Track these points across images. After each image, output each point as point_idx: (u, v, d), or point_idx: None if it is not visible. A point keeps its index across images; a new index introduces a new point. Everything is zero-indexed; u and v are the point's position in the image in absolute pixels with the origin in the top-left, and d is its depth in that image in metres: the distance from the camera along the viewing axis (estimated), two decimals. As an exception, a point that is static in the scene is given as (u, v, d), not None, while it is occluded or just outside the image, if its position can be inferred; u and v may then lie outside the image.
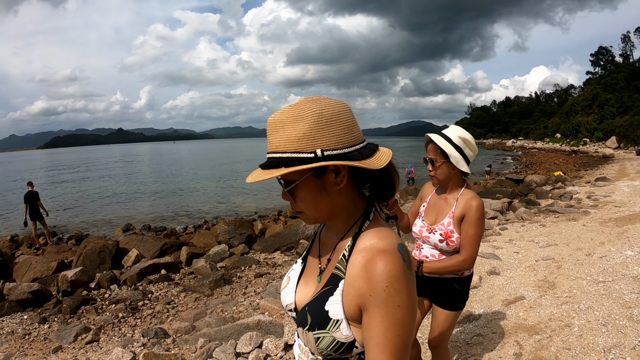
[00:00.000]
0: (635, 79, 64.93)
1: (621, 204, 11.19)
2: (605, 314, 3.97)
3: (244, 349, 3.72)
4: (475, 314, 4.25)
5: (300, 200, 1.02)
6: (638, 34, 73.69)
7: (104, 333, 5.40)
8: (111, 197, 23.41)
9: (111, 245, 8.79)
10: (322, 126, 0.95)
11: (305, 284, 1.14)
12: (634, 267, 5.36)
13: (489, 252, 6.59)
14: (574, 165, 34.56)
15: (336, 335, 0.95)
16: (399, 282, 0.89)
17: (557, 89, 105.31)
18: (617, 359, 3.10)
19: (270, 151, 0.99)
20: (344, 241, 1.06)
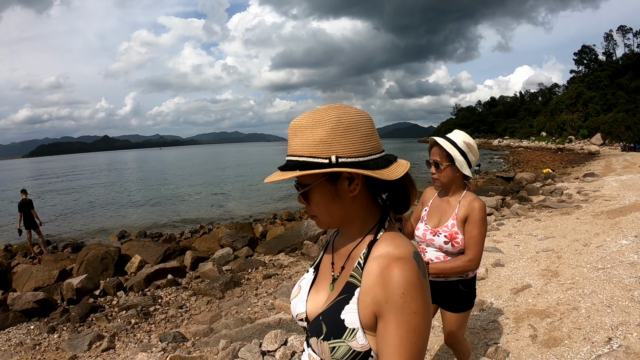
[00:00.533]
0: (618, 76, 66.24)
1: (611, 197, 11.58)
2: (608, 296, 4.26)
3: (270, 347, 3.84)
4: (487, 302, 4.51)
5: (314, 204, 1.04)
6: (620, 32, 75.22)
7: (118, 340, 5.35)
8: (102, 205, 23.23)
9: (113, 252, 8.78)
10: (339, 133, 0.97)
11: (317, 292, 1.14)
12: (630, 254, 5.69)
13: (491, 246, 6.87)
14: (560, 162, 35.19)
15: (352, 345, 0.96)
16: (415, 289, 0.90)
17: (542, 88, 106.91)
18: (625, 335, 3.38)
19: (289, 154, 1.03)
20: (358, 249, 1.07)
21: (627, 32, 74.73)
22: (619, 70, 68.07)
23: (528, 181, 18.91)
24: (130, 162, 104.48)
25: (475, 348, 3.51)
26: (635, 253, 5.74)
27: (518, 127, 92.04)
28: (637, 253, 5.72)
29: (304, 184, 1.03)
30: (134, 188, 32.45)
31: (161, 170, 58.71)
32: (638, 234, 6.83)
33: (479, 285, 5.09)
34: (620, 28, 75.19)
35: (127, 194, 28.19)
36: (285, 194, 23.73)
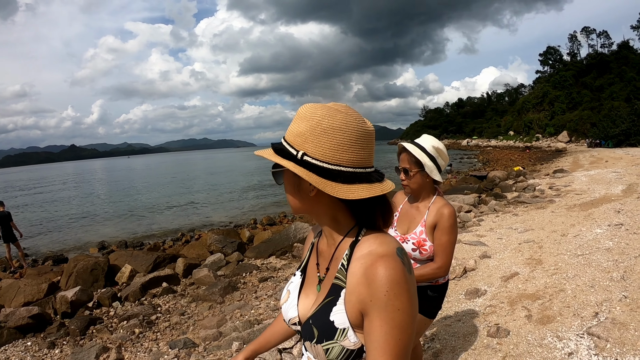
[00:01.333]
0: (582, 75, 68.93)
1: (582, 191, 12.26)
2: (590, 278, 4.70)
3: (286, 344, 4.02)
4: (481, 289, 4.87)
5: (285, 189, 1.10)
6: (584, 33, 78.08)
7: (125, 350, 5.22)
8: (75, 217, 22.82)
9: (103, 262, 8.69)
10: (316, 133, 0.98)
11: (306, 296, 1.16)
12: (605, 241, 6.20)
13: (475, 240, 7.29)
14: (529, 160, 36.40)
15: (345, 344, 0.98)
16: (400, 286, 0.91)
17: (508, 88, 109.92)
18: (609, 309, 3.80)
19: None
20: (340, 249, 1.08)
21: (591, 33, 77.83)
22: (583, 69, 70.87)
23: (501, 179, 19.63)
24: (99, 171, 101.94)
25: (478, 330, 3.86)
26: (610, 240, 6.25)
27: (486, 127, 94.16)
28: (612, 240, 6.24)
29: (277, 166, 1.06)
30: (106, 199, 31.96)
31: (132, 179, 57.74)
32: (611, 223, 7.39)
33: (472, 275, 5.48)
34: (584, 29, 78.26)
35: (100, 205, 27.74)
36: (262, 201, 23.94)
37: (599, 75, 64.73)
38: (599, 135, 43.12)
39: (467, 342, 3.63)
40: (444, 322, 4.08)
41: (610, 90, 56.85)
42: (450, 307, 4.49)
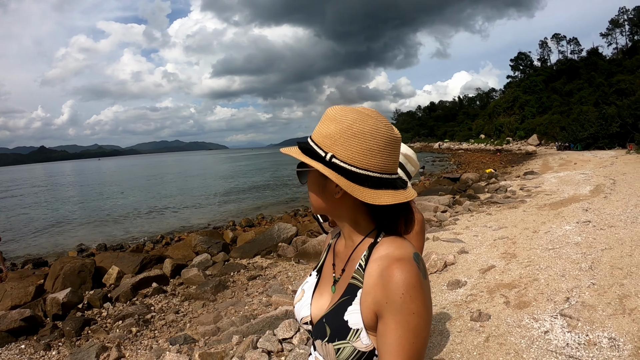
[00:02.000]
0: (552, 80, 70.95)
1: (551, 192, 12.90)
2: (561, 269, 5.13)
3: (286, 334, 4.27)
4: (462, 281, 5.25)
5: (308, 188, 1.11)
6: (555, 40, 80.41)
7: (125, 349, 5.23)
8: (50, 220, 22.42)
9: (90, 264, 8.70)
10: (346, 136, 1.00)
11: (321, 295, 1.17)
12: (574, 237, 6.69)
13: (452, 238, 7.70)
14: (500, 162, 37.26)
15: (357, 345, 0.99)
16: (415, 290, 0.92)
17: (479, 93, 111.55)
18: (579, 294, 4.22)
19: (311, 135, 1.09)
20: (359, 251, 1.09)
21: (561, 40, 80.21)
22: (553, 75, 72.94)
23: (473, 181, 20.27)
24: (70, 174, 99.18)
25: (462, 315, 4.21)
26: (579, 235, 6.75)
27: (457, 130, 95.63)
28: (580, 235, 6.74)
29: (303, 165, 1.08)
30: (81, 203, 31.23)
31: (105, 183, 56.33)
32: (579, 220, 7.92)
33: (452, 268, 5.86)
34: (555, 36, 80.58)
35: (75, 209, 27.09)
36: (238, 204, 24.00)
37: (569, 80, 66.59)
38: (568, 139, 44.37)
39: (453, 326, 3.98)
40: (434, 307, 4.40)
41: (579, 95, 58.41)
42: (434, 297, 4.82)
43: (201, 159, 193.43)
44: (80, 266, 8.51)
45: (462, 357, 3.36)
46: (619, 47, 71.40)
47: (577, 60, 73.10)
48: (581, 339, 3.38)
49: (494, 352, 3.38)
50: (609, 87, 51.93)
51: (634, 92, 42.53)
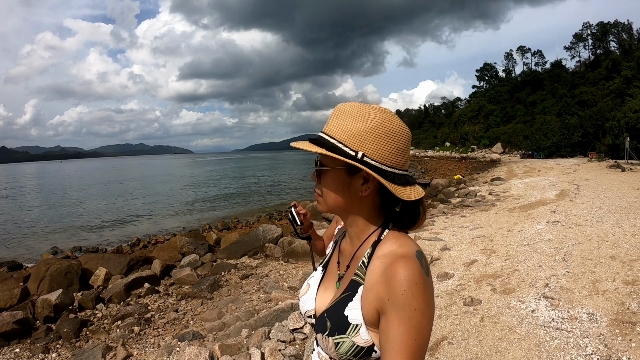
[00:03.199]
0: (517, 91, 73.33)
1: (519, 196, 13.72)
2: (537, 261, 5.74)
3: (297, 325, 4.56)
4: (449, 273, 5.75)
5: (324, 186, 1.10)
6: (520, 52, 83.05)
7: (131, 348, 5.21)
8: (16, 224, 21.92)
9: (76, 266, 8.72)
10: (376, 135, 1.02)
11: (325, 290, 1.20)
12: (545, 234, 7.37)
13: (433, 237, 8.23)
14: (466, 169, 38.29)
15: (356, 340, 1.01)
16: (417, 287, 0.94)
17: (445, 102, 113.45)
18: (557, 280, 4.82)
19: (324, 131, 1.09)
20: (362, 249, 1.11)
21: (526, 52, 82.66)
22: (518, 85, 75.25)
23: (444, 186, 21.04)
24: (33, 177, 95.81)
25: (455, 301, 4.71)
26: (549, 233, 7.43)
27: (423, 138, 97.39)
28: (551, 233, 7.42)
29: (323, 163, 1.09)
30: (47, 206, 30.25)
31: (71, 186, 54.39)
32: (548, 220, 8.64)
33: (438, 263, 6.37)
34: (520, 48, 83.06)
35: (43, 213, 26.49)
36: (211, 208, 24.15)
37: (533, 91, 68.98)
38: (532, 147, 46.13)
39: (449, 311, 4.46)
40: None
41: (542, 106, 60.57)
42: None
43: (166, 162, 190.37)
44: (66, 267, 8.51)
45: (462, 335, 3.84)
46: (582, 61, 73.89)
47: (541, 72, 75.42)
48: (564, 315, 3.93)
49: (490, 329, 3.88)
50: (572, 98, 53.89)
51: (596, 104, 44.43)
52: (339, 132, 1.04)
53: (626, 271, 5.00)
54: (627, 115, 32.15)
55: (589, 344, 3.39)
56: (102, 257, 9.98)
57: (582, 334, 3.57)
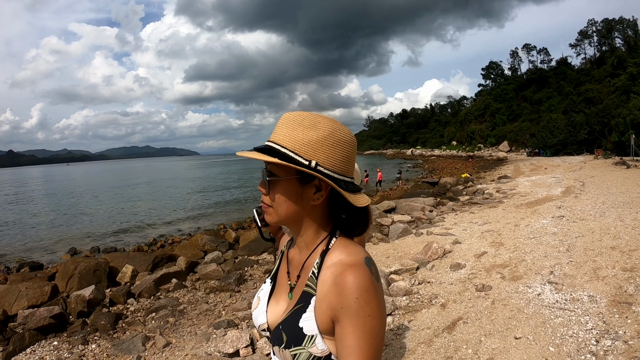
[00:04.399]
0: (522, 89, 73.79)
1: (526, 193, 14.13)
2: (543, 252, 6.16)
3: None
4: (461, 264, 6.17)
5: (274, 196, 1.09)
6: (525, 50, 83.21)
7: (169, 337, 5.38)
8: (31, 227, 22.26)
9: (104, 264, 9.02)
10: (328, 144, 1.04)
11: (277, 303, 1.20)
12: (551, 228, 7.78)
13: (444, 232, 8.66)
14: (472, 168, 38.58)
15: (312, 350, 1.02)
16: (369, 294, 0.96)
17: (451, 100, 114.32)
18: (561, 268, 5.25)
19: (272, 140, 1.08)
20: (312, 258, 1.12)
21: (532, 50, 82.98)
22: (524, 83, 75.70)
23: (452, 184, 21.42)
24: (40, 180, 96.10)
25: (468, 288, 5.13)
26: (555, 227, 7.85)
27: (429, 137, 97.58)
28: (556, 227, 7.84)
29: (273, 173, 1.08)
30: (59, 209, 30.61)
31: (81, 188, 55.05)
32: (554, 215, 9.04)
33: (450, 254, 6.79)
34: (525, 46, 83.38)
35: (55, 216, 26.69)
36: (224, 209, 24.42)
37: (538, 89, 69.40)
38: (538, 145, 46.35)
39: (462, 296, 4.89)
40: (441, 287, 5.33)
41: (548, 104, 60.88)
42: (442, 277, 5.74)
43: (173, 165, 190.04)
44: (95, 265, 8.84)
45: (476, 316, 4.27)
46: (587, 58, 73.96)
47: (546, 69, 75.78)
48: (567, 297, 4.36)
49: (501, 310, 4.31)
50: (578, 95, 54.09)
51: (602, 101, 44.58)
52: (291, 142, 1.04)
53: (625, 260, 5.43)
54: (633, 113, 32.42)
55: (589, 321, 3.82)
56: (126, 255, 10.39)
57: (583, 312, 3.99)
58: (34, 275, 10.31)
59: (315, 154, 1.03)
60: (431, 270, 6.06)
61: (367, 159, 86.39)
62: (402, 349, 3.82)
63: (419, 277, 5.73)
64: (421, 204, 13.16)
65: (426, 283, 5.50)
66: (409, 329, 4.21)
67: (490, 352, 3.48)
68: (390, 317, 4.53)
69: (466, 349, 3.62)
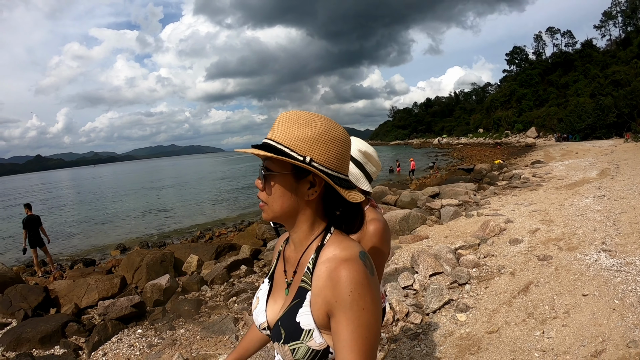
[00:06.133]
0: (548, 73, 72.70)
1: (562, 177, 14.55)
2: (592, 227, 6.77)
3: (407, 283, 5.51)
4: (519, 239, 6.80)
5: (271, 192, 1.11)
6: (549, 33, 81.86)
7: None
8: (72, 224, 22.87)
9: (170, 255, 9.30)
10: (323, 141, 1.06)
11: (275, 302, 1.22)
12: (594, 206, 8.34)
13: (494, 213, 9.26)
14: (502, 154, 38.44)
15: (310, 344, 1.04)
16: (363, 287, 0.98)
17: (475, 87, 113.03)
18: (611, 239, 5.89)
19: (269, 137, 1.10)
20: (307, 255, 1.14)
21: (555, 33, 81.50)
22: (549, 68, 74.56)
23: (487, 170, 21.86)
24: (69, 181, 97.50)
25: (530, 258, 5.78)
26: (598, 205, 8.40)
27: (455, 125, 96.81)
28: (599, 205, 8.39)
29: (269, 169, 1.10)
30: (96, 206, 31.52)
31: (114, 187, 56.46)
32: (595, 195, 9.56)
33: (506, 231, 7.42)
34: (549, 29, 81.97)
35: (91, 213, 27.55)
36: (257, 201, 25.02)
37: (564, 73, 68.23)
38: (566, 130, 45.77)
39: (527, 265, 5.55)
40: (505, 258, 5.99)
41: (575, 87, 59.82)
42: (504, 250, 6.40)
43: (200, 162, 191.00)
44: (161, 256, 9.15)
45: (544, 280, 4.93)
46: (612, 39, 72.41)
47: (571, 52, 74.39)
48: (622, 262, 5.00)
49: (565, 274, 4.98)
50: (605, 78, 53.08)
51: (629, 83, 43.67)
52: (287, 138, 1.06)
53: (669, 230, 6.03)
54: (663, 94, 31.95)
55: (644, 280, 4.48)
56: (188, 246, 10.94)
57: (638, 273, 4.64)
58: (92, 270, 10.60)
59: (310, 150, 1.05)
60: (492, 245, 6.71)
61: (393, 149, 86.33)
62: (487, 310, 4.50)
63: (482, 252, 6.38)
64: (464, 189, 13.72)
65: (490, 256, 6.16)
66: (487, 294, 4.90)
67: (565, 307, 4.17)
68: (468, 285, 5.20)
69: (543, 306, 4.30)
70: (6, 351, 5.62)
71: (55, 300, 7.57)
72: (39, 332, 5.82)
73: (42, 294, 7.38)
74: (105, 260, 12.84)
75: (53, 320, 6.21)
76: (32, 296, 7.31)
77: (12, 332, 6.01)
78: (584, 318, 3.86)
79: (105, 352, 5.33)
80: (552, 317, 4.01)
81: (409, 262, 6.31)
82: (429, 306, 4.67)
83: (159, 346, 5.34)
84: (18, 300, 7.23)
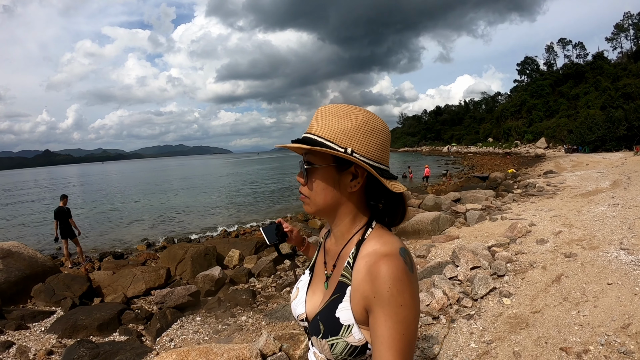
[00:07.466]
0: (559, 84, 72.84)
1: (576, 187, 15.23)
2: (609, 230, 7.54)
3: (452, 274, 6.19)
4: (545, 239, 7.55)
5: (313, 185, 1.12)
6: (561, 44, 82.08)
7: None
8: (93, 220, 22.94)
9: (212, 249, 9.74)
10: (363, 132, 1.05)
11: (314, 293, 1.24)
12: (610, 213, 9.08)
13: (517, 217, 10.00)
14: (513, 164, 38.83)
15: (349, 340, 1.03)
16: (402, 283, 0.97)
17: (485, 97, 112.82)
18: (628, 240, 6.67)
19: (309, 131, 1.10)
20: (347, 248, 1.14)
21: (567, 44, 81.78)
22: (560, 79, 74.69)
23: (502, 179, 22.49)
24: (79, 177, 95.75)
25: (557, 255, 6.54)
26: (613, 212, 9.13)
27: (464, 134, 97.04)
28: (614, 212, 9.11)
29: (311, 162, 1.11)
30: (113, 203, 31.42)
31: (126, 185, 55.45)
32: (609, 204, 10.28)
33: (531, 232, 8.17)
34: (561, 40, 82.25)
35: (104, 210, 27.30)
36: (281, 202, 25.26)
37: (575, 84, 68.32)
38: (576, 142, 46.20)
39: (555, 261, 6.31)
40: (535, 255, 6.75)
41: (586, 99, 59.85)
42: (532, 249, 7.14)
43: (207, 162, 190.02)
44: (204, 250, 9.55)
45: (573, 272, 5.70)
46: (624, 52, 72.55)
47: (583, 64, 74.43)
48: (639, 258, 5.79)
49: (590, 268, 5.75)
50: (615, 90, 53.36)
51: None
52: (327, 131, 1.07)
53: (680, 234, 6.80)
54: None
55: (658, 273, 5.26)
56: (227, 241, 11.55)
57: (653, 267, 5.43)
58: (126, 263, 10.96)
59: (350, 142, 1.05)
60: (520, 244, 7.47)
61: (401, 156, 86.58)
62: (527, 295, 5.27)
63: (513, 250, 7.14)
64: (484, 195, 14.44)
65: (521, 253, 6.92)
66: (525, 284, 5.66)
67: (594, 293, 4.95)
68: (506, 277, 5.97)
69: (575, 292, 5.09)
70: (61, 338, 5.73)
71: (97, 289, 7.86)
72: (96, 320, 5.98)
73: (86, 283, 7.67)
74: (133, 254, 13.19)
75: (107, 308, 6.42)
76: (75, 285, 7.52)
77: (64, 320, 6.11)
78: (611, 301, 4.65)
79: (171, 338, 5.67)
80: (584, 301, 4.80)
81: (449, 257, 7.07)
82: (477, 292, 5.44)
83: (225, 331, 5.66)
84: (61, 289, 7.38)
